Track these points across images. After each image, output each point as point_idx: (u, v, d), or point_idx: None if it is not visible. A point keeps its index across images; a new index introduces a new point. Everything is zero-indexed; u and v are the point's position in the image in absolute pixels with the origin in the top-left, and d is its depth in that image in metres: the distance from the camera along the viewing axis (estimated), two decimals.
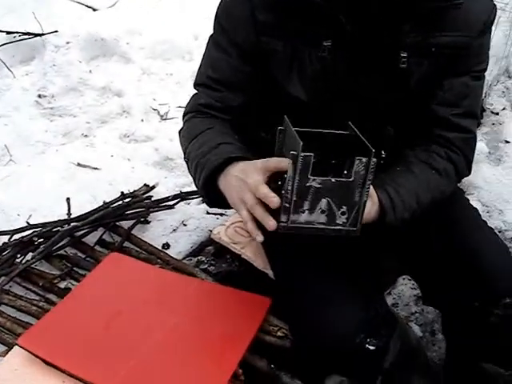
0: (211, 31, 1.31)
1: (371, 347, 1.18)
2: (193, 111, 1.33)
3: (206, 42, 1.33)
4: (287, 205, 0.99)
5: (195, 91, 1.35)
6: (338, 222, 1.03)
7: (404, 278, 1.97)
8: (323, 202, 1.01)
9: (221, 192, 1.14)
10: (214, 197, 1.17)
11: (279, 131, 1.07)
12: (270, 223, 1.01)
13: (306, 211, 1.01)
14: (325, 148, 1.05)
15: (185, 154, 1.31)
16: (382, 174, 1.09)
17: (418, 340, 1.67)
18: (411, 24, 1.16)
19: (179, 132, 1.36)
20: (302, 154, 0.95)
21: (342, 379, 1.54)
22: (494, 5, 1.26)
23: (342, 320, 1.18)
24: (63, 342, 1.32)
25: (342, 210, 1.03)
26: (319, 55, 1.19)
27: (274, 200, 0.99)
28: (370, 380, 1.30)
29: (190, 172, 1.28)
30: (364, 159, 0.98)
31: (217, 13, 1.28)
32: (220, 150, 1.16)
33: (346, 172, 1.05)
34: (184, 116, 1.36)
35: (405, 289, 1.98)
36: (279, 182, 1.02)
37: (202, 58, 1.34)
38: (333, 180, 0.99)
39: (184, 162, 2.09)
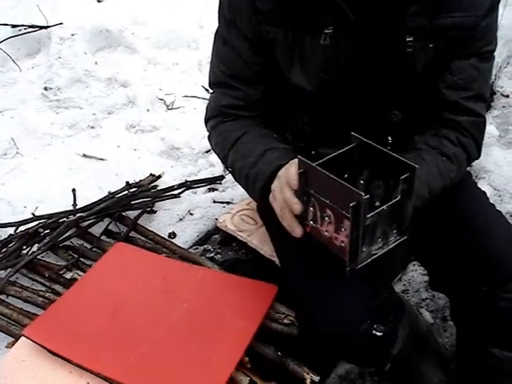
0: (216, 22, 1.29)
1: (378, 333, 1.17)
2: (217, 115, 1.31)
3: (213, 37, 1.30)
4: (353, 249, 0.97)
5: (211, 91, 1.34)
6: (390, 239, 1.02)
7: (414, 264, 1.95)
8: (379, 231, 1.00)
9: None
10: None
11: (300, 174, 1.01)
12: (297, 230, 1.04)
13: (367, 246, 0.99)
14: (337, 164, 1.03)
15: (224, 161, 1.31)
16: None
17: (429, 326, 1.66)
18: (416, 7, 1.14)
19: (209, 138, 1.35)
20: (364, 200, 0.91)
21: (351, 366, 1.54)
22: None
23: (349, 307, 1.17)
24: (69, 332, 1.32)
25: (393, 227, 1.01)
26: (321, 43, 1.17)
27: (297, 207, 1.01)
28: (378, 367, 1.29)
29: (236, 180, 1.29)
30: (407, 176, 0.96)
31: (219, 4, 1.27)
32: (268, 158, 1.16)
33: (362, 181, 1.05)
34: (207, 121, 1.35)
35: (415, 275, 1.96)
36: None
37: (211, 56, 1.32)
38: (385, 208, 0.97)
39: (190, 151, 2.09)
